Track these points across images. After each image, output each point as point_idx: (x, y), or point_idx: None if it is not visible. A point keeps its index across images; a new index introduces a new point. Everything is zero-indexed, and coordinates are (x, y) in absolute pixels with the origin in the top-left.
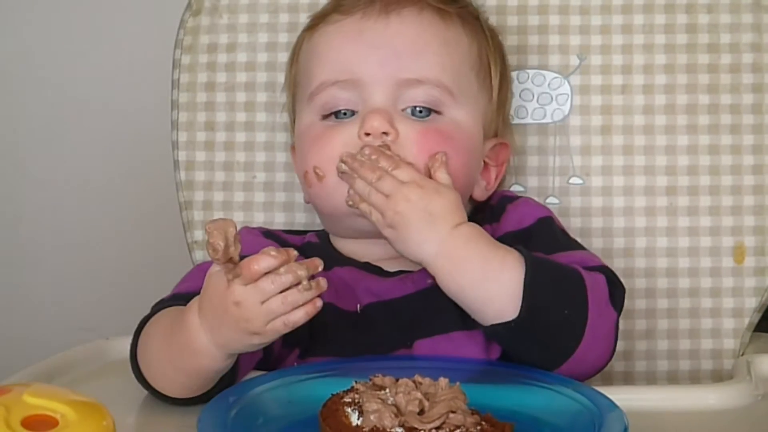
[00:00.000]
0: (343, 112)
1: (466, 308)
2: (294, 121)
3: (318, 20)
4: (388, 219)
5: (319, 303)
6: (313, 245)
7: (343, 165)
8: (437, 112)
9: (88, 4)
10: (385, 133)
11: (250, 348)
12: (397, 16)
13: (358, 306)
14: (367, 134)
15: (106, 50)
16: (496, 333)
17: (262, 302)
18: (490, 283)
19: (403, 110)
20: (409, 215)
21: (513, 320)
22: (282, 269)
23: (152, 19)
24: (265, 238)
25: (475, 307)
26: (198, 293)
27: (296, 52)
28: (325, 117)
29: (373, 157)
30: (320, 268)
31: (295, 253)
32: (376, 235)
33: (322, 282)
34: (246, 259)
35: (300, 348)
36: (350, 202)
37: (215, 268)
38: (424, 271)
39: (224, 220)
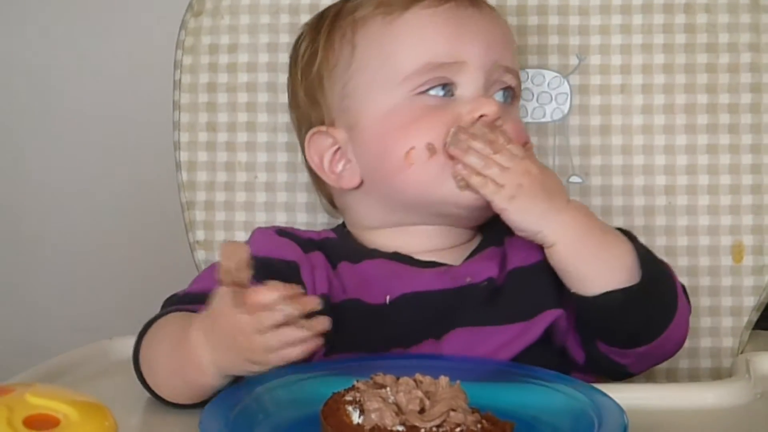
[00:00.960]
0: (444, 90)
1: (575, 276)
2: (330, 103)
3: (391, 7)
4: (508, 190)
5: (319, 341)
6: (333, 240)
7: (458, 136)
8: (513, 101)
9: (89, 4)
10: (496, 118)
11: (249, 374)
12: (482, 6)
13: (387, 298)
14: (482, 116)
15: (107, 50)
16: (610, 299)
17: (261, 333)
18: (610, 252)
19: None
20: (531, 187)
21: (634, 285)
22: (280, 306)
23: (154, 19)
24: (279, 236)
25: (590, 274)
26: (209, 294)
27: (350, 40)
28: (418, 95)
29: (489, 134)
30: (318, 307)
31: (300, 290)
32: (457, 222)
33: (317, 324)
34: (251, 289)
35: (325, 345)
36: (459, 177)
37: (223, 291)
38: (463, 267)
39: (238, 244)
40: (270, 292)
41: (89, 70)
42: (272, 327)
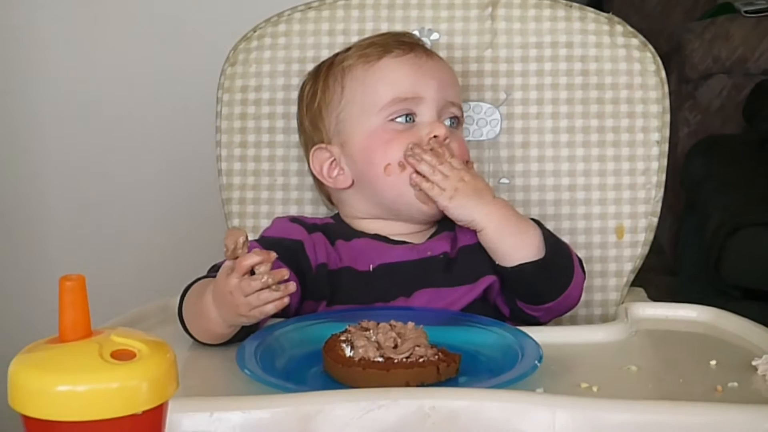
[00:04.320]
0: (407, 118)
1: (498, 252)
2: (328, 127)
3: (369, 57)
4: (448, 192)
5: (286, 300)
6: (331, 225)
7: (414, 150)
8: (458, 125)
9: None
10: (445, 138)
11: (242, 323)
12: (434, 57)
13: (371, 266)
14: (435, 137)
15: (171, 93)
16: (523, 270)
17: (245, 296)
18: (523, 235)
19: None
20: (465, 189)
21: (540, 259)
22: (258, 276)
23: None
24: (291, 222)
25: (508, 251)
26: None
27: (340, 82)
28: (389, 122)
29: (437, 149)
30: (286, 276)
31: (274, 255)
32: (421, 219)
33: (291, 286)
34: (240, 257)
35: (326, 300)
36: (413, 183)
37: (228, 262)
38: (425, 245)
39: (238, 230)
40: (252, 257)
41: (155, 107)
42: (254, 291)
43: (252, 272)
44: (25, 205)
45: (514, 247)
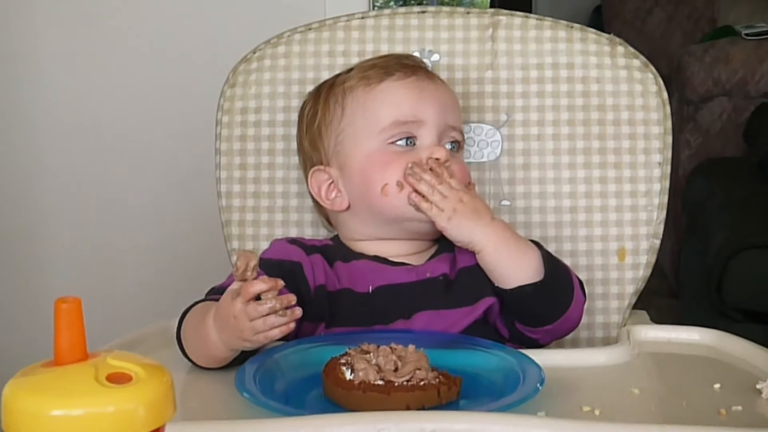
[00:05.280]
0: (407, 141)
1: (497, 274)
2: (327, 149)
3: (370, 79)
4: (447, 213)
5: (292, 326)
6: (330, 246)
7: (413, 169)
8: (459, 149)
9: (155, 79)
10: (446, 161)
11: (244, 348)
12: (436, 80)
13: (370, 287)
14: (436, 159)
15: (171, 112)
16: (522, 292)
17: (250, 320)
18: (522, 256)
19: (443, 143)
20: (463, 210)
21: (540, 281)
22: (265, 301)
23: (204, 90)
24: (289, 244)
25: (507, 273)
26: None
27: (340, 103)
28: (389, 144)
29: (437, 169)
30: (293, 302)
31: (281, 283)
32: (420, 236)
33: (297, 311)
34: (247, 283)
35: (325, 322)
36: (411, 203)
37: (233, 286)
38: (424, 266)
39: (251, 253)
40: (261, 284)
41: (155, 123)
42: (260, 316)
43: (257, 298)
44: (23, 224)
45: (513, 268)
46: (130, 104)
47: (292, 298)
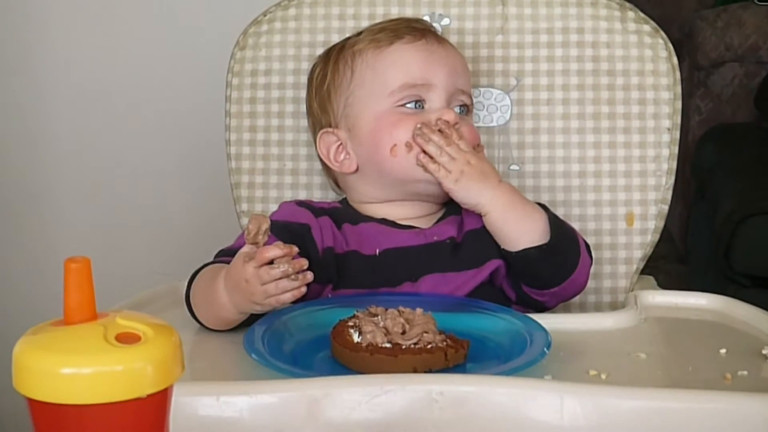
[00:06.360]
0: (416, 104)
1: (503, 236)
2: (336, 111)
3: (380, 42)
4: (454, 175)
5: (303, 290)
6: (339, 209)
7: (422, 130)
8: (467, 113)
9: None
10: (455, 123)
11: (254, 311)
12: (445, 44)
13: (378, 250)
14: (446, 121)
15: (181, 77)
16: (528, 254)
17: (262, 284)
18: (528, 219)
19: (452, 107)
20: (471, 173)
21: (545, 243)
22: (277, 265)
23: (214, 54)
24: (298, 206)
25: (513, 235)
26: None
27: (350, 66)
28: (398, 107)
29: (446, 130)
30: (305, 266)
31: (296, 249)
32: (428, 198)
33: (309, 275)
34: (261, 248)
35: (332, 284)
36: (419, 163)
37: (244, 249)
38: (432, 229)
39: (263, 216)
40: (276, 250)
41: (164, 91)
42: (273, 279)
43: (270, 262)
44: (33, 190)
45: (519, 231)
46: (140, 67)
47: (304, 263)
